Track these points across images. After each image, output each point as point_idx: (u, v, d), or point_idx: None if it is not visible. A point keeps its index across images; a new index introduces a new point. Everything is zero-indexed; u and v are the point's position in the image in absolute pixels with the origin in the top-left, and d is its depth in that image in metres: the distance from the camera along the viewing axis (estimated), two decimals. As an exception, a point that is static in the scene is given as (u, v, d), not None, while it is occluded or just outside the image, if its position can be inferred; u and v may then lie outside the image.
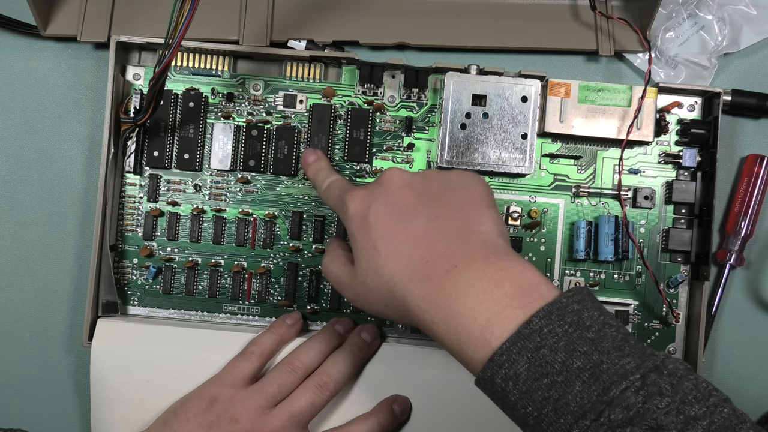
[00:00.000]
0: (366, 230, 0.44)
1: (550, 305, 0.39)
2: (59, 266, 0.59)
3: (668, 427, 0.36)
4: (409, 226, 0.43)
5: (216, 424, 0.50)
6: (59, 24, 0.58)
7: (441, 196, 0.45)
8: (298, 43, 0.57)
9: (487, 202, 0.46)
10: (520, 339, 0.38)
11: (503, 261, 0.41)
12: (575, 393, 0.37)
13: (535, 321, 0.38)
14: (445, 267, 0.41)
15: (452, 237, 0.43)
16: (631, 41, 0.58)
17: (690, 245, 0.57)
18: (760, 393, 0.59)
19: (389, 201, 0.45)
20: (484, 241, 0.43)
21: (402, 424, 0.55)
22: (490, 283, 0.40)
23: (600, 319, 0.39)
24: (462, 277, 0.41)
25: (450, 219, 0.44)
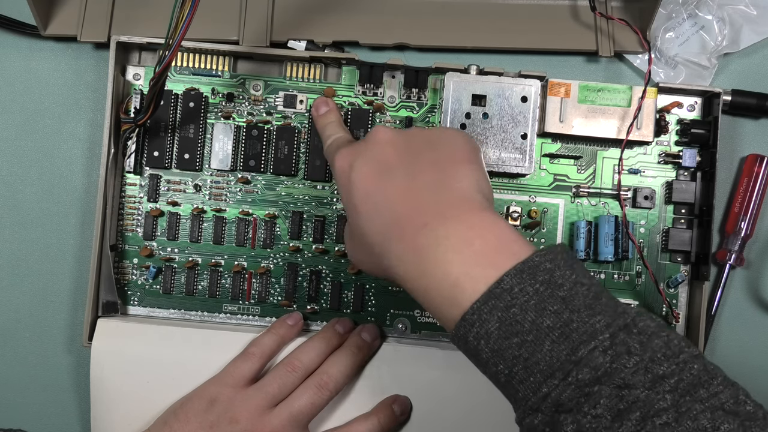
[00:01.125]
0: (348, 189, 0.45)
1: (521, 264, 0.38)
2: (59, 266, 0.59)
3: (636, 385, 0.36)
4: (387, 185, 0.44)
5: (216, 425, 0.50)
6: (59, 24, 0.58)
7: (421, 153, 0.45)
8: (298, 43, 0.57)
9: (468, 157, 0.45)
10: (491, 298, 0.38)
11: (475, 218, 0.41)
12: (544, 352, 0.37)
13: (506, 280, 0.38)
14: (417, 224, 0.41)
15: (427, 194, 0.43)
16: (631, 41, 0.58)
17: (690, 245, 0.57)
18: (760, 393, 0.59)
19: (370, 159, 0.45)
20: (459, 198, 0.42)
21: (402, 424, 0.55)
22: (459, 240, 0.40)
23: (572, 278, 0.39)
24: (433, 235, 0.40)
25: (428, 176, 0.44)
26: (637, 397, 0.35)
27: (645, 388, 0.36)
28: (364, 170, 0.45)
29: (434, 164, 0.44)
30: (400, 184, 0.43)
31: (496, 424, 0.54)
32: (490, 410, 0.54)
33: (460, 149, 0.46)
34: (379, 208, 0.43)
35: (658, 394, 0.36)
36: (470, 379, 0.44)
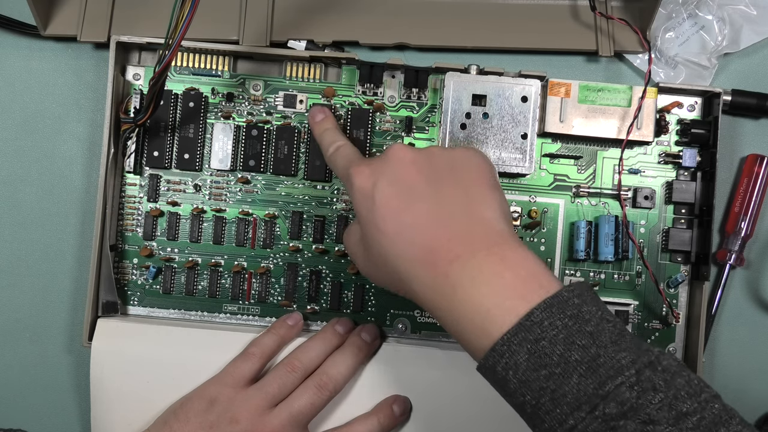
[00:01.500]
0: (371, 209, 0.45)
1: (551, 298, 0.40)
2: (59, 266, 0.59)
3: (660, 421, 0.37)
4: (413, 209, 0.44)
5: (216, 425, 0.50)
6: (59, 24, 0.58)
7: (445, 176, 0.45)
8: (298, 43, 0.57)
9: (490, 182, 0.46)
10: (521, 330, 0.39)
11: (505, 251, 0.42)
12: (572, 385, 0.38)
13: (537, 313, 0.39)
14: (449, 256, 0.42)
15: (456, 223, 0.43)
16: (631, 41, 0.58)
17: (690, 245, 0.57)
18: (760, 393, 0.59)
19: (394, 180, 0.45)
20: (487, 228, 0.43)
21: (402, 424, 0.55)
22: (491, 274, 0.41)
23: (598, 314, 0.40)
24: (465, 268, 0.41)
25: (453, 202, 0.44)
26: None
27: (669, 425, 0.37)
28: (388, 191, 0.44)
29: (460, 189, 0.45)
30: (428, 209, 0.44)
31: (496, 425, 0.54)
32: (491, 411, 0.54)
33: (482, 173, 0.46)
34: (406, 233, 0.43)
35: (681, 431, 0.37)
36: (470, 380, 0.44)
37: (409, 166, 0.45)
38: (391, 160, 0.46)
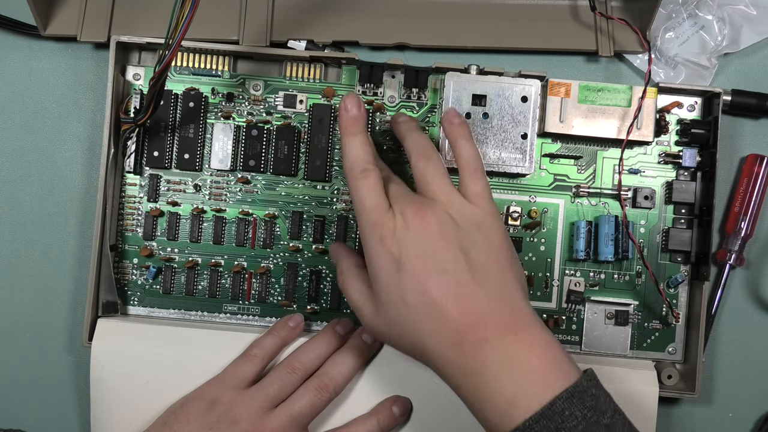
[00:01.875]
0: (395, 277, 0.44)
1: (572, 388, 0.41)
2: (59, 266, 0.59)
3: None
4: (442, 286, 0.44)
5: (216, 426, 0.50)
6: (59, 24, 0.58)
7: (471, 250, 0.45)
8: (298, 43, 0.57)
9: (510, 254, 0.47)
10: (542, 418, 0.40)
11: (533, 335, 0.43)
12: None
13: (559, 403, 0.40)
14: (476, 338, 0.43)
15: (484, 303, 0.44)
16: (631, 41, 0.58)
17: (690, 245, 0.57)
18: (760, 393, 0.59)
19: (422, 253, 0.44)
20: (514, 309, 0.44)
21: (402, 425, 0.55)
22: (519, 361, 0.42)
23: (611, 406, 0.42)
24: (494, 352, 0.42)
25: (481, 280, 0.44)
26: None
27: None
28: (417, 264, 0.44)
29: (486, 264, 0.45)
30: (457, 286, 0.44)
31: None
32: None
33: (503, 245, 0.46)
34: (431, 309, 0.43)
35: None
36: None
37: (438, 240, 0.45)
38: (419, 232, 0.45)
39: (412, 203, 0.46)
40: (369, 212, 0.46)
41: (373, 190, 0.47)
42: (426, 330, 0.44)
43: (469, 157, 0.49)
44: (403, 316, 0.44)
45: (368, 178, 0.47)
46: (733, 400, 0.59)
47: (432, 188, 0.47)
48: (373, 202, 0.46)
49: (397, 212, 0.46)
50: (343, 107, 0.49)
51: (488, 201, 0.48)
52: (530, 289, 0.57)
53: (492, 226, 0.47)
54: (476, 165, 0.48)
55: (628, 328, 0.57)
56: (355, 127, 0.48)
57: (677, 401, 0.59)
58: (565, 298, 0.57)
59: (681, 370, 0.57)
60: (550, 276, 0.57)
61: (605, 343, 0.57)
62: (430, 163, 0.48)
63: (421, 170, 0.48)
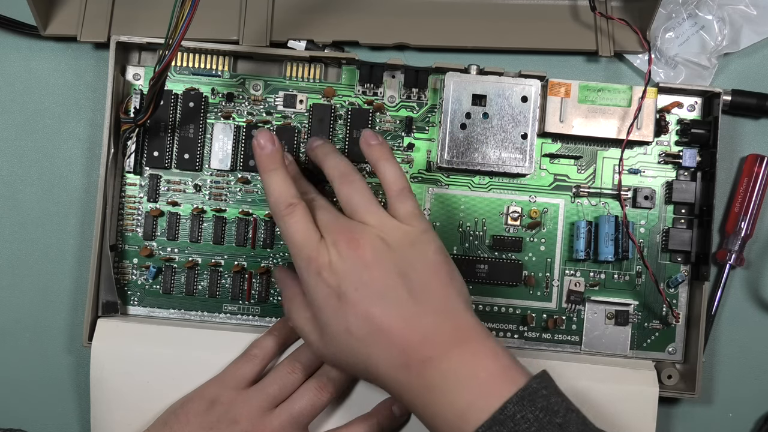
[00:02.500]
0: (337, 310, 0.45)
1: (521, 391, 0.41)
2: (59, 266, 0.59)
3: None
4: (383, 312, 0.44)
5: (216, 426, 0.50)
6: (59, 24, 0.58)
7: (408, 271, 0.45)
8: (298, 43, 0.57)
9: (448, 268, 0.47)
10: (494, 424, 0.40)
11: (477, 347, 0.43)
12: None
13: (509, 407, 0.41)
14: (422, 357, 0.43)
15: (426, 322, 0.44)
16: (631, 41, 0.58)
17: (690, 245, 0.57)
18: (760, 393, 0.59)
19: (360, 284, 0.45)
20: (456, 323, 0.44)
21: (402, 425, 0.55)
22: (465, 374, 0.42)
23: (563, 404, 0.42)
24: (440, 368, 0.43)
25: (421, 299, 0.45)
26: None
27: None
28: (357, 296, 0.44)
29: (423, 283, 0.45)
30: (398, 310, 0.44)
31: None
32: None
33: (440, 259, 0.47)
34: (376, 336, 0.44)
35: None
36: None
37: (374, 268, 0.45)
38: (354, 260, 0.45)
39: (343, 232, 0.46)
40: (301, 248, 0.46)
41: (301, 225, 0.47)
42: (373, 356, 0.44)
43: (394, 177, 0.49)
44: (349, 346, 0.45)
45: (294, 213, 0.47)
46: (733, 400, 0.59)
47: (360, 214, 0.47)
48: (304, 237, 0.46)
49: (329, 244, 0.46)
50: (257, 145, 0.49)
51: (419, 219, 0.48)
52: (530, 289, 0.57)
53: (426, 242, 0.47)
54: (402, 184, 0.48)
55: (628, 328, 0.57)
56: (272, 163, 0.48)
57: (677, 401, 0.59)
58: (565, 298, 0.57)
59: (681, 370, 0.57)
60: (550, 276, 0.57)
61: (605, 343, 0.57)
62: (354, 187, 0.48)
63: (346, 196, 0.48)
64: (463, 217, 0.57)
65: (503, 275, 0.57)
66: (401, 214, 0.48)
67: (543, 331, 0.57)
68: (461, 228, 0.57)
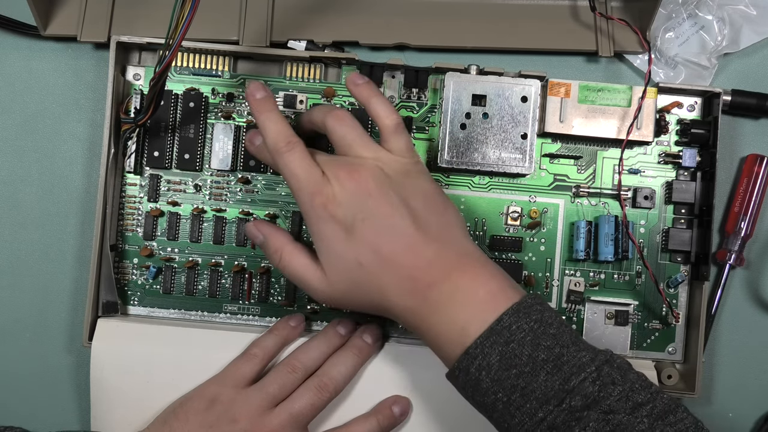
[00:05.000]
0: (346, 243, 0.46)
1: (517, 305, 0.44)
2: (59, 266, 0.59)
3: (619, 411, 0.42)
4: (391, 241, 0.46)
5: (216, 424, 0.50)
6: (59, 24, 0.58)
7: (409, 204, 0.47)
8: (298, 43, 0.57)
9: (443, 198, 0.49)
10: (492, 334, 0.44)
11: (476, 268, 0.46)
12: (540, 382, 0.43)
13: (505, 318, 0.44)
14: (426, 281, 0.45)
15: (430, 249, 0.46)
16: (631, 42, 0.58)
17: (690, 245, 0.57)
18: (759, 393, 0.59)
19: (367, 213, 0.46)
20: (457, 249, 0.47)
21: (402, 425, 0.55)
22: (466, 293, 0.45)
23: (557, 319, 0.45)
24: (442, 291, 0.45)
25: (423, 227, 0.46)
26: (620, 421, 0.42)
27: (626, 413, 0.42)
28: (365, 227, 0.46)
29: (424, 213, 0.47)
30: (405, 239, 0.46)
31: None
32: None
33: (435, 189, 0.49)
34: (387, 266, 0.46)
35: (637, 419, 0.42)
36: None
37: (378, 197, 0.46)
38: (357, 191, 0.46)
39: (342, 165, 0.47)
40: (305, 183, 0.47)
41: (303, 161, 0.47)
42: (384, 285, 0.46)
43: (386, 113, 0.49)
44: (359, 279, 0.46)
45: (295, 150, 0.47)
46: (733, 400, 0.59)
47: (356, 149, 0.48)
48: (306, 171, 0.47)
49: (331, 177, 0.47)
50: (249, 94, 0.49)
51: (413, 153, 0.49)
52: (530, 289, 0.57)
53: (419, 173, 0.49)
54: (396, 120, 0.49)
55: (628, 328, 0.57)
56: (267, 105, 0.49)
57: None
58: (565, 298, 0.57)
59: (681, 370, 0.57)
60: (550, 276, 0.57)
61: (605, 343, 0.57)
62: (346, 123, 0.49)
63: (340, 133, 0.49)
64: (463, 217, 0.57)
65: (503, 275, 0.57)
66: (396, 148, 0.49)
67: (543, 331, 0.57)
68: (461, 228, 0.57)
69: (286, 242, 0.50)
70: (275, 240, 0.50)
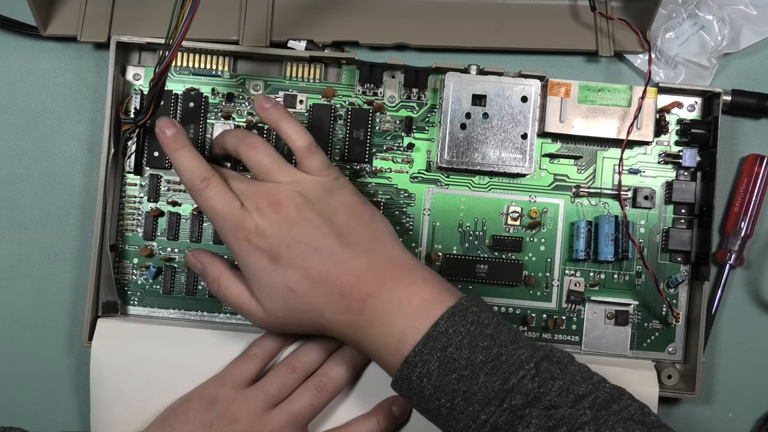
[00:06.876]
0: (274, 272, 0.46)
1: (452, 308, 0.44)
2: (59, 266, 0.59)
3: (561, 405, 0.42)
4: (318, 262, 0.46)
5: (216, 424, 0.51)
6: (59, 24, 0.58)
7: (334, 218, 0.47)
8: (298, 43, 0.57)
9: (368, 208, 0.49)
10: (429, 341, 0.44)
11: (408, 276, 0.46)
12: (480, 384, 0.43)
13: (441, 323, 0.44)
14: (359, 296, 0.46)
15: (359, 263, 0.46)
16: (631, 41, 0.58)
17: (690, 245, 0.57)
18: (760, 393, 0.59)
19: (291, 240, 0.46)
20: (388, 258, 0.47)
21: (401, 425, 0.55)
22: (400, 302, 0.45)
23: (494, 319, 0.45)
24: (377, 303, 0.46)
25: (350, 242, 0.47)
26: (563, 415, 0.41)
27: (569, 407, 0.42)
28: (291, 253, 0.46)
29: (349, 229, 0.47)
30: (332, 259, 0.46)
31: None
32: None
33: (358, 201, 0.49)
34: (318, 288, 0.46)
35: (580, 411, 0.42)
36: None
37: (301, 223, 0.46)
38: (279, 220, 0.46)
39: (262, 195, 0.47)
40: (225, 218, 0.47)
41: (220, 197, 0.48)
42: (318, 307, 0.46)
43: (297, 135, 0.49)
44: (293, 305, 0.47)
45: (211, 187, 0.48)
46: (733, 400, 0.59)
47: (273, 174, 0.48)
48: (225, 207, 0.47)
49: (252, 209, 0.47)
50: (159, 132, 0.49)
51: (331, 169, 0.49)
52: (530, 289, 0.57)
53: (341, 188, 0.49)
54: (307, 140, 0.49)
55: (628, 328, 0.57)
56: (178, 143, 0.49)
57: (677, 401, 0.59)
58: (565, 298, 0.57)
59: (681, 370, 0.57)
60: (550, 276, 0.57)
61: (605, 343, 0.57)
62: (259, 149, 0.49)
63: (255, 160, 0.49)
64: (463, 217, 0.57)
65: (503, 275, 0.57)
66: (312, 169, 0.49)
67: (543, 331, 0.57)
68: (461, 228, 0.57)
69: (222, 270, 0.50)
70: (212, 269, 0.51)
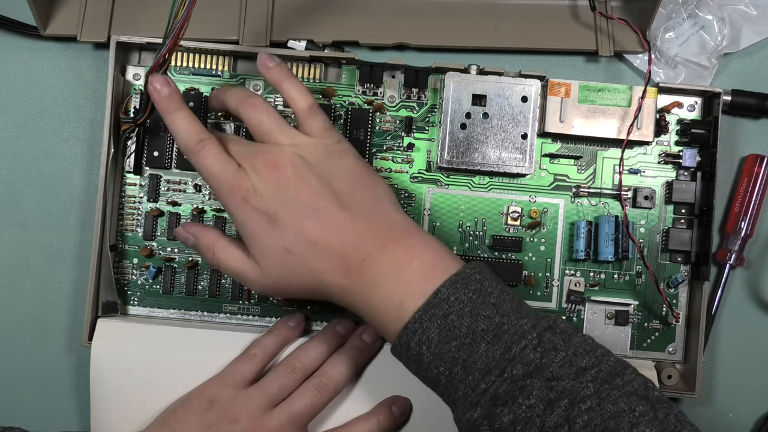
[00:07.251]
0: (272, 232, 0.46)
1: (455, 276, 0.44)
2: (59, 266, 0.59)
3: (563, 377, 0.41)
4: (316, 224, 0.45)
5: (215, 424, 0.51)
6: (59, 24, 0.58)
7: (332, 180, 0.46)
8: (298, 43, 0.57)
9: (369, 172, 0.48)
10: (430, 308, 0.43)
11: (409, 239, 0.46)
12: (481, 353, 0.42)
13: (443, 290, 0.43)
14: (360, 257, 0.45)
15: (359, 224, 0.46)
16: (631, 41, 0.58)
17: (690, 245, 0.57)
18: (760, 393, 0.59)
19: (289, 202, 0.46)
20: (388, 221, 0.47)
21: (401, 425, 0.55)
22: (401, 264, 0.45)
23: (498, 287, 0.44)
24: (377, 264, 0.45)
25: (350, 204, 0.46)
26: (565, 387, 0.41)
27: (571, 379, 0.41)
28: (288, 214, 0.45)
29: (349, 190, 0.47)
30: (331, 220, 0.45)
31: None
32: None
33: (360, 164, 0.48)
34: (316, 248, 0.45)
35: (582, 383, 0.41)
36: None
37: (298, 184, 0.46)
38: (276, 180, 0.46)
39: (259, 155, 0.47)
40: (221, 179, 0.47)
41: (216, 157, 0.47)
42: (315, 269, 0.45)
43: (300, 95, 0.49)
44: (290, 266, 0.46)
45: (207, 147, 0.47)
46: (733, 400, 0.59)
47: (273, 136, 0.48)
48: (222, 167, 0.47)
49: (249, 169, 0.46)
50: (153, 90, 0.47)
51: (332, 131, 0.49)
52: (530, 289, 0.57)
53: (342, 151, 0.48)
54: (310, 101, 0.49)
55: (628, 328, 0.57)
56: (173, 104, 0.48)
57: (677, 401, 0.58)
58: (565, 298, 0.57)
59: (681, 370, 0.57)
60: (550, 276, 0.57)
61: (605, 343, 0.56)
62: (259, 110, 0.48)
63: (255, 121, 0.48)
64: (463, 217, 0.57)
65: (503, 275, 0.56)
66: (314, 130, 0.48)
67: (543, 331, 0.57)
68: (461, 228, 0.57)
69: (217, 238, 0.49)
70: (206, 238, 0.50)
